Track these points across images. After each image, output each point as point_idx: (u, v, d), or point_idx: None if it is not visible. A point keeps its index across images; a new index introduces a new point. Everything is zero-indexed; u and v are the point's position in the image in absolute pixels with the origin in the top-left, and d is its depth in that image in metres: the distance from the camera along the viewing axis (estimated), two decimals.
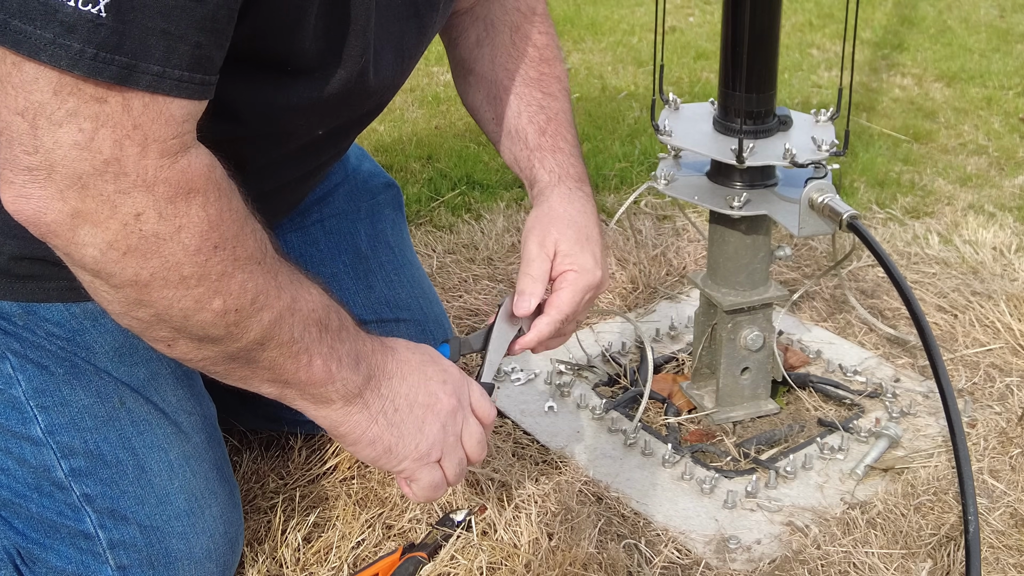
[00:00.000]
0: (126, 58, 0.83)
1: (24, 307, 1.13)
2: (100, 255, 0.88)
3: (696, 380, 1.63)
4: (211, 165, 0.91)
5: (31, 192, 0.86)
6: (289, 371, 0.99)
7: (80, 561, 1.15)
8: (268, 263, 0.96)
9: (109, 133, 0.84)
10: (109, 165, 0.85)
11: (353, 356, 1.02)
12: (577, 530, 1.34)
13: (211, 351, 0.96)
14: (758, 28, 1.41)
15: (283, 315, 0.96)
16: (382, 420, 1.05)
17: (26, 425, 1.13)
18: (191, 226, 0.89)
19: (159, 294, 0.90)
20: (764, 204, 1.45)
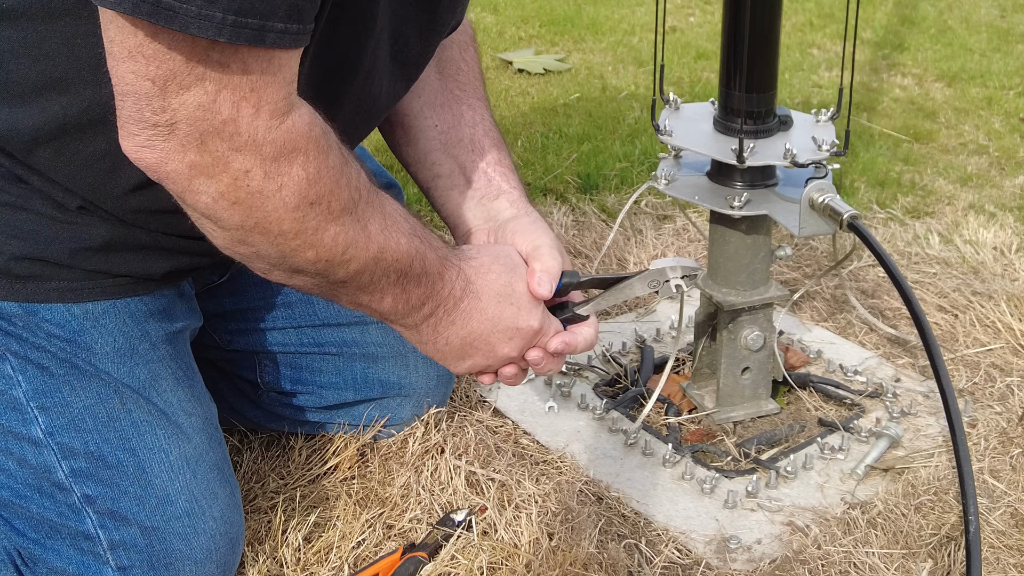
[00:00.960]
0: (258, 20, 0.87)
1: (24, 308, 1.13)
2: (212, 202, 0.95)
3: (697, 380, 1.63)
4: (311, 123, 0.97)
5: (155, 144, 0.92)
6: (363, 300, 1.08)
7: (81, 562, 1.15)
8: (360, 211, 1.02)
9: (229, 95, 0.90)
10: (227, 125, 0.91)
11: (423, 298, 1.10)
12: (577, 530, 1.34)
13: (301, 281, 1.04)
14: (758, 28, 1.41)
15: (367, 264, 1.03)
16: (430, 347, 1.15)
17: (26, 426, 1.13)
18: (291, 184, 0.95)
19: (260, 239, 0.98)
20: (764, 204, 1.45)
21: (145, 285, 1.20)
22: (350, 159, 1.02)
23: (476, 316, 1.14)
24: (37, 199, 1.12)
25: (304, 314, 1.46)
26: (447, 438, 1.50)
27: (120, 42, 0.90)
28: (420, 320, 1.12)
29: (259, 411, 1.52)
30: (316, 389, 1.48)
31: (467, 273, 1.13)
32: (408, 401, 1.50)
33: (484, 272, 1.15)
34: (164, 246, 1.18)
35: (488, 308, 1.14)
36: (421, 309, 1.11)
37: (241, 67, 0.90)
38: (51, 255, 1.13)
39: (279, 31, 0.90)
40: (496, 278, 1.15)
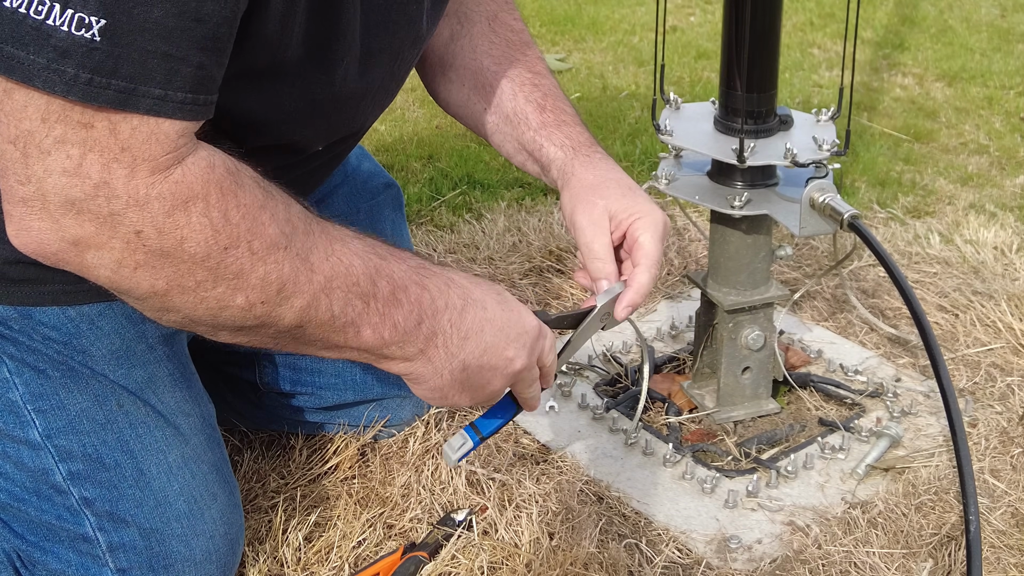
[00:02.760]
0: (123, 82, 0.82)
1: (20, 311, 1.13)
2: (112, 274, 0.89)
3: (697, 380, 1.63)
4: (210, 166, 0.90)
5: (31, 224, 0.86)
6: (338, 342, 0.98)
7: (80, 564, 1.15)
8: (296, 246, 0.94)
9: (97, 157, 0.84)
10: (99, 189, 0.84)
11: (414, 317, 1.00)
12: (578, 530, 1.34)
13: (253, 338, 0.96)
14: (759, 27, 1.41)
15: (317, 297, 0.94)
16: (447, 376, 1.04)
17: (24, 429, 1.13)
18: (194, 235, 0.88)
19: (179, 300, 0.90)
20: (765, 204, 1.45)
21: None
22: (275, 193, 0.95)
23: (487, 326, 1.04)
24: None
25: None
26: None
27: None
28: (424, 344, 1.01)
29: (259, 412, 1.52)
30: (315, 390, 1.48)
31: (461, 281, 1.05)
32: (408, 401, 1.50)
33: (477, 281, 1.07)
34: None
35: (495, 316, 1.06)
36: (419, 331, 1.00)
37: (108, 127, 0.84)
38: None
39: (156, 97, 0.84)
40: (489, 283, 1.09)
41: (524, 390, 1.12)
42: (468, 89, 1.34)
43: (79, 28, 0.80)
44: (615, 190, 1.23)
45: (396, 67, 1.18)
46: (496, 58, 1.34)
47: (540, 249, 2.08)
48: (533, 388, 1.12)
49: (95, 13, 0.80)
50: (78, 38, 0.80)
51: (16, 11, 0.80)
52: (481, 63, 1.33)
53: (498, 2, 1.36)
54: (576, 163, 1.27)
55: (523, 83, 1.33)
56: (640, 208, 1.21)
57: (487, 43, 1.34)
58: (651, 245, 1.19)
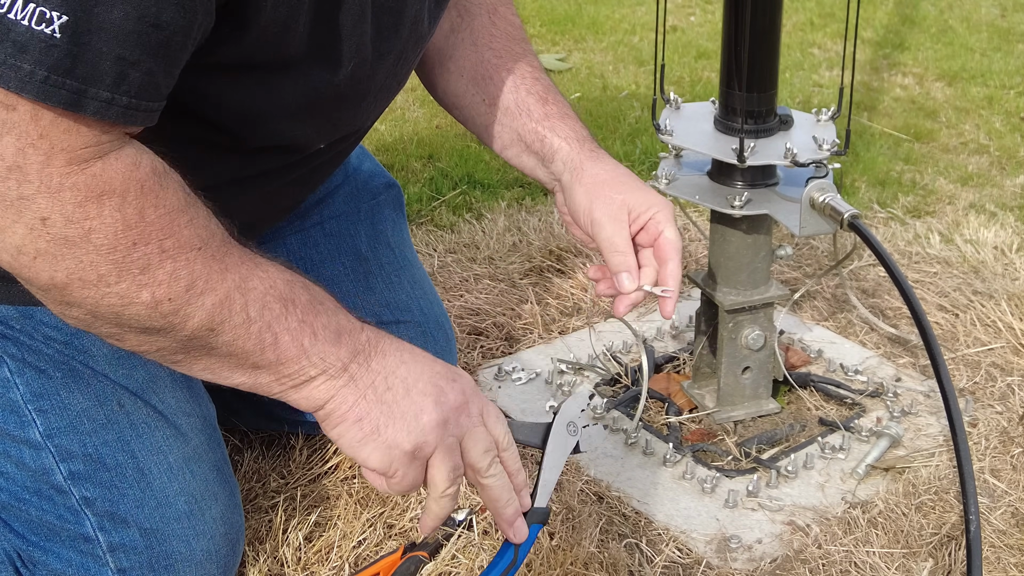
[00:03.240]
0: (77, 83, 0.81)
1: (21, 311, 1.13)
2: (12, 259, 0.87)
3: (697, 379, 1.63)
4: (134, 164, 0.88)
5: None
6: (253, 353, 0.93)
7: (80, 564, 1.15)
8: (212, 249, 0.91)
9: (13, 140, 0.82)
10: (11, 172, 0.83)
11: (333, 330, 0.96)
12: (578, 529, 1.34)
13: (161, 342, 0.92)
14: (759, 27, 1.41)
15: (231, 296, 0.91)
16: (371, 395, 0.97)
17: (24, 429, 1.13)
18: (103, 228, 0.86)
19: (80, 293, 0.88)
20: (765, 203, 1.45)
21: None
22: (199, 205, 0.92)
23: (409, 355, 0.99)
24: None
25: None
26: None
27: None
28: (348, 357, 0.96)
29: (259, 412, 1.52)
30: None
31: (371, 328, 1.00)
32: None
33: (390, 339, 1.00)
34: None
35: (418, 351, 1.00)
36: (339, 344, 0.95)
37: (30, 114, 0.82)
38: None
39: (104, 100, 0.82)
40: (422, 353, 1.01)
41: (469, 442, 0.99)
42: (467, 81, 1.34)
43: (39, 23, 0.78)
44: (629, 185, 1.24)
45: (399, 67, 1.18)
46: (497, 51, 1.34)
47: (540, 249, 2.08)
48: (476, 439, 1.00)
49: (57, 8, 0.78)
50: (38, 33, 0.79)
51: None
52: (482, 55, 1.33)
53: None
54: (584, 157, 1.27)
55: (524, 76, 1.33)
56: (656, 201, 1.22)
57: (488, 36, 1.34)
58: (675, 236, 1.22)
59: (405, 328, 1.49)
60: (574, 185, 1.26)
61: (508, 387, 1.68)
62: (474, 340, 1.81)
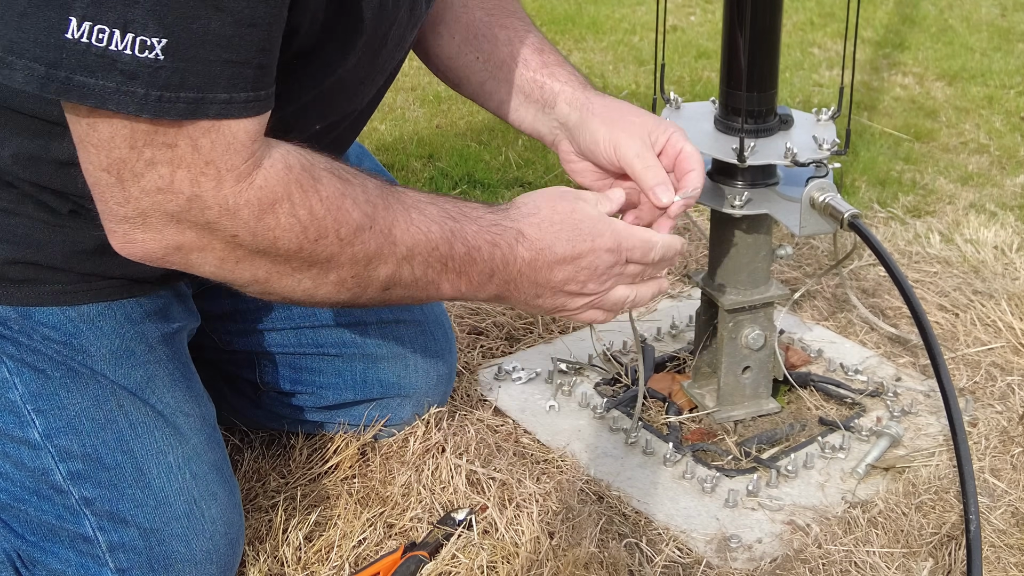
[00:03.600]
0: (191, 93, 0.86)
1: (19, 311, 1.13)
2: (216, 270, 0.97)
3: (697, 379, 1.63)
4: (287, 167, 0.95)
5: (135, 237, 0.93)
6: (422, 297, 1.09)
7: (80, 564, 1.15)
8: (379, 223, 1.01)
9: (184, 174, 0.89)
10: (192, 202, 0.91)
11: (487, 273, 1.09)
12: (578, 529, 1.34)
13: (344, 301, 1.05)
14: (759, 27, 1.41)
15: (400, 264, 1.03)
16: (523, 306, 1.16)
17: (24, 429, 1.13)
18: (285, 234, 0.95)
19: (278, 284, 0.99)
20: (765, 203, 1.45)
21: (141, 287, 1.20)
22: (348, 176, 1.01)
23: (556, 268, 1.12)
24: (28, 204, 1.12)
25: (303, 315, 1.46)
26: (448, 437, 1.50)
27: (72, 131, 0.90)
28: (497, 290, 1.12)
29: (259, 411, 1.52)
30: (315, 389, 1.48)
31: (530, 232, 1.12)
32: (408, 401, 1.50)
33: (547, 225, 1.13)
34: None
35: (567, 256, 1.12)
36: (490, 282, 1.11)
37: (190, 144, 0.88)
38: (44, 259, 1.13)
39: (223, 102, 0.88)
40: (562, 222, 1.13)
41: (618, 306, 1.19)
42: (459, 42, 1.34)
43: (142, 50, 0.84)
44: (642, 112, 1.27)
45: (397, 50, 1.19)
46: (488, 9, 1.34)
47: None
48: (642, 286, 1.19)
49: (155, 34, 0.84)
50: (142, 59, 0.84)
51: (79, 42, 0.83)
52: (473, 15, 1.34)
53: None
54: (590, 95, 1.29)
55: (517, 30, 1.34)
56: (669, 124, 1.26)
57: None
58: (695, 150, 1.24)
59: (405, 327, 1.49)
60: (587, 121, 1.27)
61: (508, 387, 1.68)
62: (474, 339, 1.81)
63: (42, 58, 0.84)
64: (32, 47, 0.84)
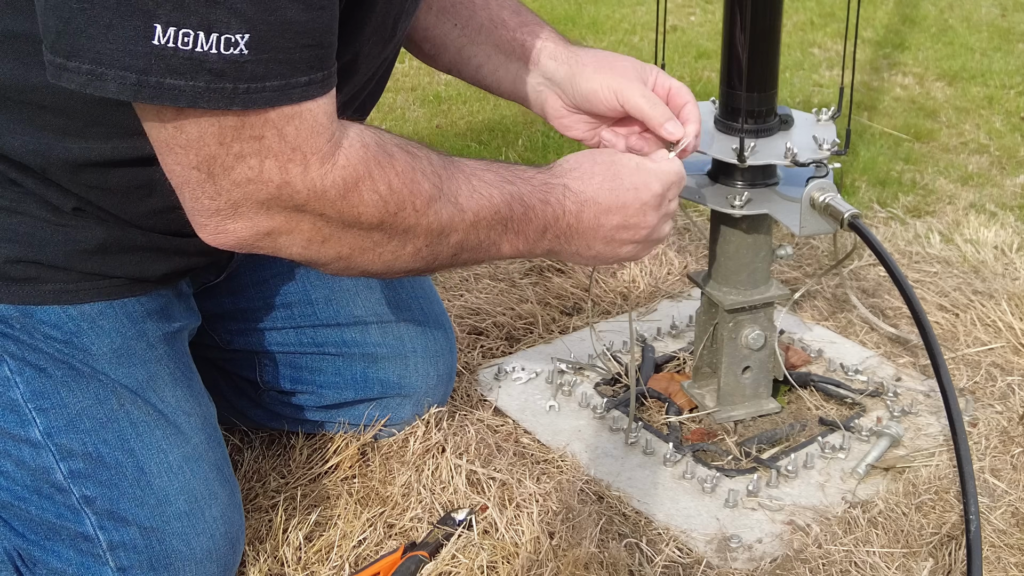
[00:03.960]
0: (277, 81, 0.89)
1: (21, 310, 1.13)
2: (302, 251, 1.01)
3: (697, 379, 1.63)
4: (363, 145, 0.99)
5: (227, 228, 0.97)
6: (482, 259, 1.15)
7: (80, 563, 1.15)
8: (447, 193, 1.06)
9: (273, 163, 0.93)
10: (282, 188, 0.95)
11: (540, 229, 1.16)
12: (578, 529, 1.34)
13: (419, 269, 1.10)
14: (759, 27, 1.41)
15: (468, 231, 1.09)
16: (576, 258, 1.22)
17: (24, 427, 1.13)
18: (368, 209, 1.00)
19: (361, 259, 1.04)
20: (765, 203, 1.45)
21: (142, 286, 1.20)
22: (414, 150, 1.05)
23: (604, 216, 1.19)
24: (31, 202, 1.12)
25: (303, 315, 1.46)
26: (448, 437, 1.50)
27: (155, 137, 0.93)
28: (550, 245, 1.18)
29: (259, 410, 1.52)
30: (316, 388, 1.48)
31: (575, 186, 1.18)
32: (408, 401, 1.50)
33: (589, 177, 1.19)
34: (160, 246, 1.17)
35: (612, 206, 1.19)
36: (544, 237, 1.16)
37: (276, 134, 0.92)
38: (46, 258, 1.13)
39: (304, 84, 0.92)
40: (601, 175, 1.20)
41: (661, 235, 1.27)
42: (436, 11, 1.35)
43: (227, 48, 0.86)
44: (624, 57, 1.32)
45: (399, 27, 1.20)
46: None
47: None
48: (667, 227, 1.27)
49: (238, 31, 0.86)
50: (228, 56, 0.87)
51: (165, 47, 0.85)
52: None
53: None
54: (575, 48, 1.33)
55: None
56: (650, 65, 1.32)
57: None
58: (683, 85, 1.31)
59: (405, 327, 1.49)
60: (579, 72, 1.31)
61: (508, 387, 1.68)
62: (474, 340, 1.81)
63: (132, 66, 0.86)
64: (121, 57, 0.86)
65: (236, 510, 1.24)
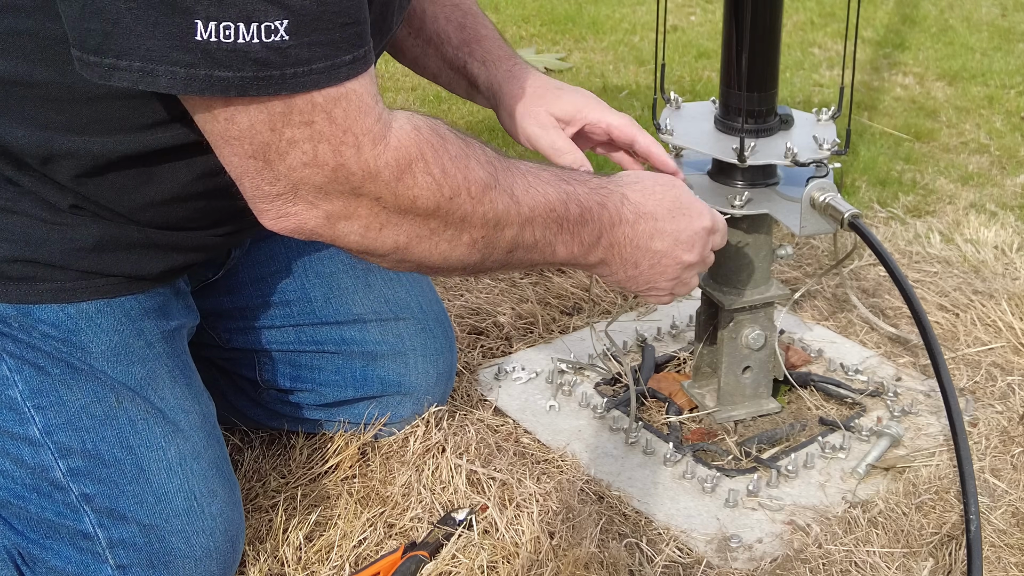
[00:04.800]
0: (322, 63, 0.90)
1: (19, 309, 1.13)
2: (360, 238, 1.01)
3: (697, 379, 1.63)
4: (414, 128, 1.00)
5: (287, 211, 0.98)
6: (537, 260, 1.13)
7: (80, 561, 1.15)
8: (501, 182, 1.06)
9: (327, 147, 0.94)
10: (338, 171, 0.96)
11: (596, 233, 1.15)
12: (578, 529, 1.34)
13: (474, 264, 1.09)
14: (760, 27, 1.41)
15: (523, 225, 1.08)
16: (620, 273, 1.21)
17: (23, 426, 1.13)
18: (423, 192, 1.00)
19: (417, 249, 1.04)
20: (765, 203, 1.45)
21: (140, 284, 1.20)
22: (469, 138, 1.05)
23: (656, 236, 1.19)
24: (27, 201, 1.12)
25: (302, 313, 1.46)
26: (448, 437, 1.50)
27: (209, 130, 0.95)
28: (603, 254, 1.17)
29: (259, 409, 1.52)
30: (315, 387, 1.48)
31: (633, 197, 1.18)
32: (408, 399, 1.50)
33: (650, 193, 1.20)
34: (156, 242, 1.17)
35: (666, 225, 1.20)
36: (598, 244, 1.16)
37: (326, 117, 0.93)
38: (43, 257, 1.13)
39: (348, 63, 0.92)
40: (662, 194, 1.21)
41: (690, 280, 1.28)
42: None
43: (268, 36, 0.87)
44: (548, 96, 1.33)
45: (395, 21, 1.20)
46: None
47: None
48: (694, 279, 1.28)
49: (277, 18, 0.87)
50: (270, 44, 0.87)
51: (208, 42, 0.86)
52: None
53: None
54: (501, 79, 1.35)
55: (444, 4, 1.38)
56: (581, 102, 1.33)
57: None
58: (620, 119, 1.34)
59: (405, 325, 1.49)
60: (499, 108, 1.34)
61: (508, 386, 1.68)
62: (474, 339, 1.81)
63: (180, 61, 0.88)
64: (169, 52, 0.87)
65: (236, 508, 1.24)
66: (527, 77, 1.36)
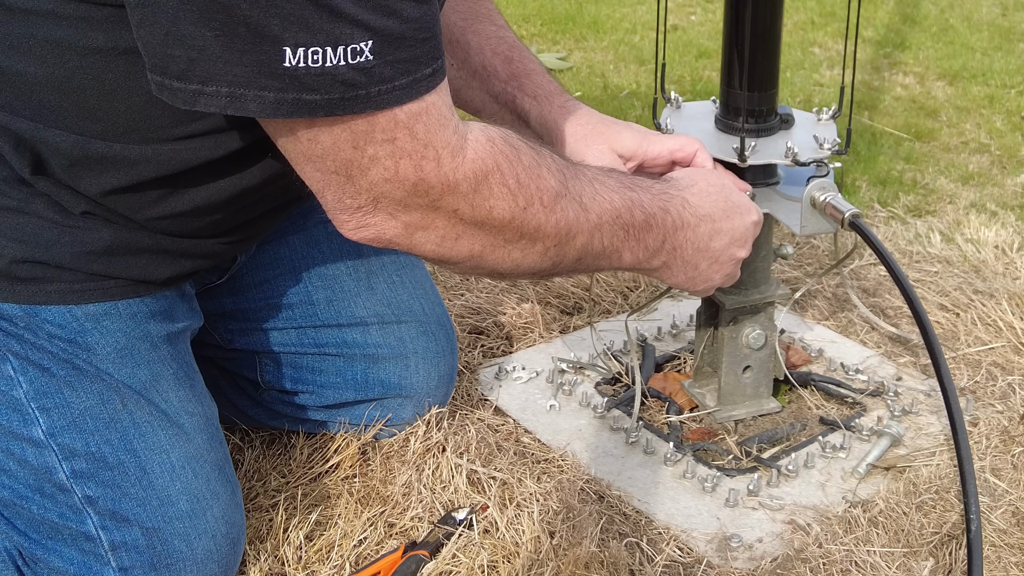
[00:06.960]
0: (405, 78, 0.91)
1: (25, 309, 1.13)
2: (437, 247, 1.03)
3: (698, 379, 1.63)
4: (489, 140, 1.01)
5: (367, 222, 1.00)
6: (603, 266, 1.16)
7: (82, 563, 1.15)
8: (570, 190, 1.07)
9: (408, 162, 0.95)
10: (418, 185, 0.97)
11: (660, 239, 1.18)
12: (579, 529, 1.34)
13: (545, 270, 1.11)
14: (760, 26, 1.41)
15: (592, 233, 1.10)
16: (681, 275, 1.25)
17: (27, 427, 1.13)
18: (500, 203, 1.02)
19: (491, 258, 1.06)
20: (766, 203, 1.45)
21: (146, 287, 1.20)
22: (539, 147, 1.06)
23: (716, 237, 1.23)
24: (40, 203, 1.12)
25: (304, 315, 1.46)
26: (448, 437, 1.50)
27: (290, 150, 0.95)
28: (666, 257, 1.20)
29: (260, 409, 1.52)
30: (317, 388, 1.48)
31: (693, 200, 1.21)
32: (409, 401, 1.50)
33: (706, 195, 1.23)
34: (166, 249, 1.17)
35: (723, 225, 1.23)
36: (662, 249, 1.19)
37: (408, 134, 0.93)
38: (52, 258, 1.13)
39: (428, 76, 0.93)
40: (716, 194, 1.24)
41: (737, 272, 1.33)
42: None
43: (355, 57, 0.88)
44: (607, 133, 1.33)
45: None
46: (463, 14, 1.38)
47: None
48: None
49: (362, 39, 0.88)
50: (356, 66, 0.88)
51: (297, 68, 0.87)
52: (448, 18, 1.36)
53: None
54: (556, 115, 1.34)
55: (488, 36, 1.37)
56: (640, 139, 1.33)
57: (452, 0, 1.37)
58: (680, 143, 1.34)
59: (407, 328, 1.49)
60: (555, 143, 1.33)
61: (508, 386, 1.68)
62: (475, 339, 1.81)
63: (269, 86, 0.88)
64: (257, 78, 0.88)
65: (237, 510, 1.24)
66: (581, 113, 1.36)
